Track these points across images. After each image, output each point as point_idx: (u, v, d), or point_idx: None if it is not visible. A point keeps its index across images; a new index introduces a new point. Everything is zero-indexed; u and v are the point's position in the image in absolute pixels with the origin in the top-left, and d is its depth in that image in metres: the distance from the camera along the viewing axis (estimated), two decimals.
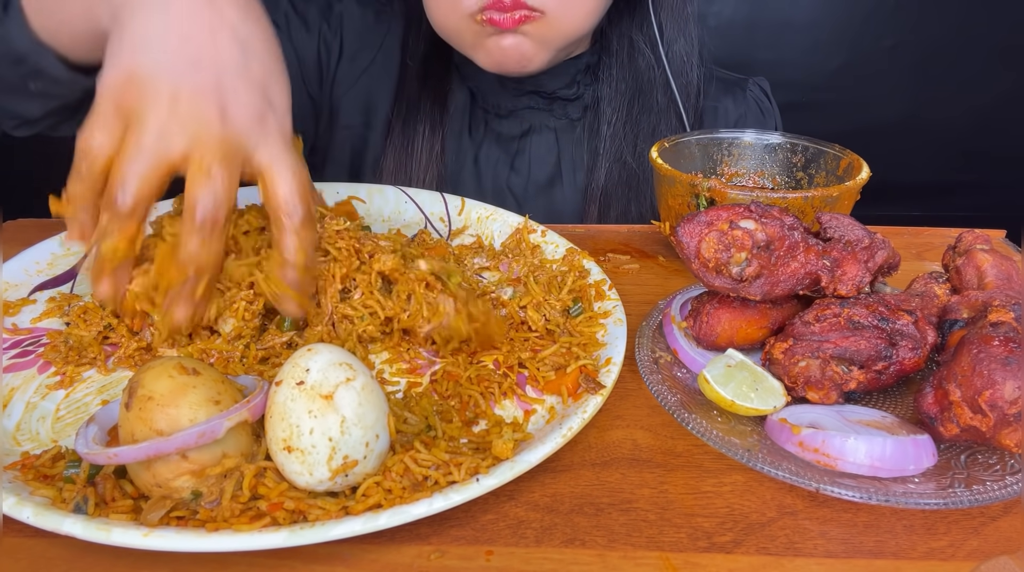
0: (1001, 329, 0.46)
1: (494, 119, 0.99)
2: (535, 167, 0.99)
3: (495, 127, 0.99)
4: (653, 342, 0.61)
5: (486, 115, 0.99)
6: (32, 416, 0.53)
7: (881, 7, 2.07)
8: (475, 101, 0.99)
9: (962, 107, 2.18)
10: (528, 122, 0.98)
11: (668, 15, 0.96)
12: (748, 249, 0.54)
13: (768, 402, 0.51)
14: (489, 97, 0.97)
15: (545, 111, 0.98)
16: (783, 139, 0.82)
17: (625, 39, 0.96)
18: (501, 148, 0.99)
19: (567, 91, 0.97)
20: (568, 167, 0.99)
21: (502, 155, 0.99)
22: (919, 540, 0.45)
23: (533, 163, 0.99)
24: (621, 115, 0.96)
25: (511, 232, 0.77)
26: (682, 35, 0.97)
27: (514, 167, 0.99)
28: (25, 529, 0.42)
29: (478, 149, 0.99)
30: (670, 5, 0.96)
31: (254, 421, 0.45)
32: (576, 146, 0.99)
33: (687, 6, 0.97)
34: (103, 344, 0.59)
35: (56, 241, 0.73)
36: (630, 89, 0.96)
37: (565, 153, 0.99)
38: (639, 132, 0.96)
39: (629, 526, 0.45)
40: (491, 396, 0.55)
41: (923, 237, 0.85)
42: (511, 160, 0.99)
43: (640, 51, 0.96)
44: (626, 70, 0.96)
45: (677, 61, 0.97)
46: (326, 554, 0.43)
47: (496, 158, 0.99)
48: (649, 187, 0.96)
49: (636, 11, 0.96)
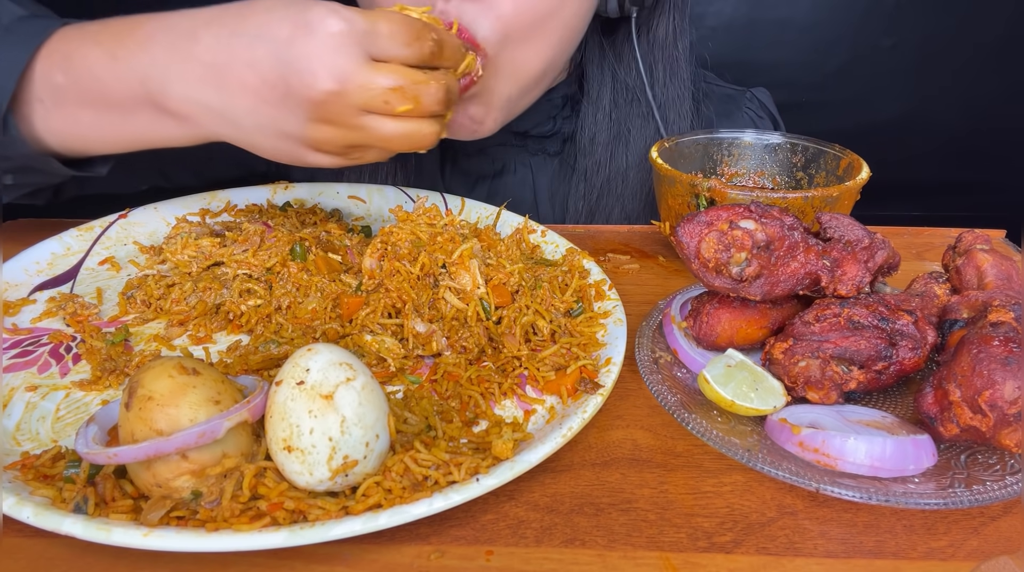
0: (1001, 329, 0.46)
1: (462, 157, 0.90)
2: (510, 207, 0.87)
3: (463, 165, 0.90)
4: (653, 342, 0.61)
5: (454, 152, 0.90)
6: (32, 416, 0.53)
7: (881, 7, 2.07)
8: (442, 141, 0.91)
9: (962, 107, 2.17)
10: (501, 160, 0.89)
11: (658, 55, 0.85)
12: (748, 249, 0.54)
13: (768, 402, 0.51)
14: None
15: (519, 147, 0.89)
16: (783, 139, 0.82)
17: (608, 77, 0.85)
18: (471, 188, 0.90)
19: (541, 129, 0.87)
20: (545, 206, 0.90)
21: (472, 196, 0.86)
22: (919, 540, 0.45)
23: (509, 206, 0.87)
24: (603, 152, 0.86)
25: (511, 232, 0.77)
26: (675, 79, 0.86)
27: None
28: (25, 529, 0.42)
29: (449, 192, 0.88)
30: (659, 43, 0.84)
31: (254, 421, 0.45)
32: (553, 181, 0.90)
33: (679, 42, 0.84)
34: None
35: (56, 241, 0.73)
36: (613, 125, 0.86)
37: (541, 190, 0.90)
38: (623, 168, 0.87)
39: (629, 526, 0.45)
40: (491, 396, 0.55)
41: (923, 237, 0.85)
42: (484, 201, 0.86)
43: (624, 88, 0.85)
44: (609, 107, 0.86)
45: (667, 106, 0.86)
46: (326, 554, 0.43)
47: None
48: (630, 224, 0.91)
49: (619, 46, 0.85)
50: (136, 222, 0.78)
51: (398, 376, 0.58)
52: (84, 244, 0.74)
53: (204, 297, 0.65)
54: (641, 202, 0.91)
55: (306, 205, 0.84)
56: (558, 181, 0.91)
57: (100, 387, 0.56)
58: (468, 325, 0.59)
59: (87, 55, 0.59)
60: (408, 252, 0.62)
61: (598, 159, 0.87)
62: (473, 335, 0.59)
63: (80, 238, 0.74)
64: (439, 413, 0.52)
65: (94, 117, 0.61)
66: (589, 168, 0.88)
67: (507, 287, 0.61)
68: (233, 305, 0.63)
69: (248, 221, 0.74)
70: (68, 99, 0.61)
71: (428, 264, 0.61)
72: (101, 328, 0.63)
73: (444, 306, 0.60)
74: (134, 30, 0.59)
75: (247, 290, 0.64)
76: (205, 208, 0.81)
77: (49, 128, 0.62)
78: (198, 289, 0.65)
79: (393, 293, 0.60)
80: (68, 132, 0.63)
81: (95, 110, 0.61)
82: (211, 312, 0.65)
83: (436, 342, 0.59)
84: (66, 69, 0.60)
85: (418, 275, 0.61)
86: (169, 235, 0.75)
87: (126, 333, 0.62)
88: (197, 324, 0.64)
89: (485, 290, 0.60)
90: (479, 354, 0.59)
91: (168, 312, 0.65)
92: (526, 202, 0.91)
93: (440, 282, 0.61)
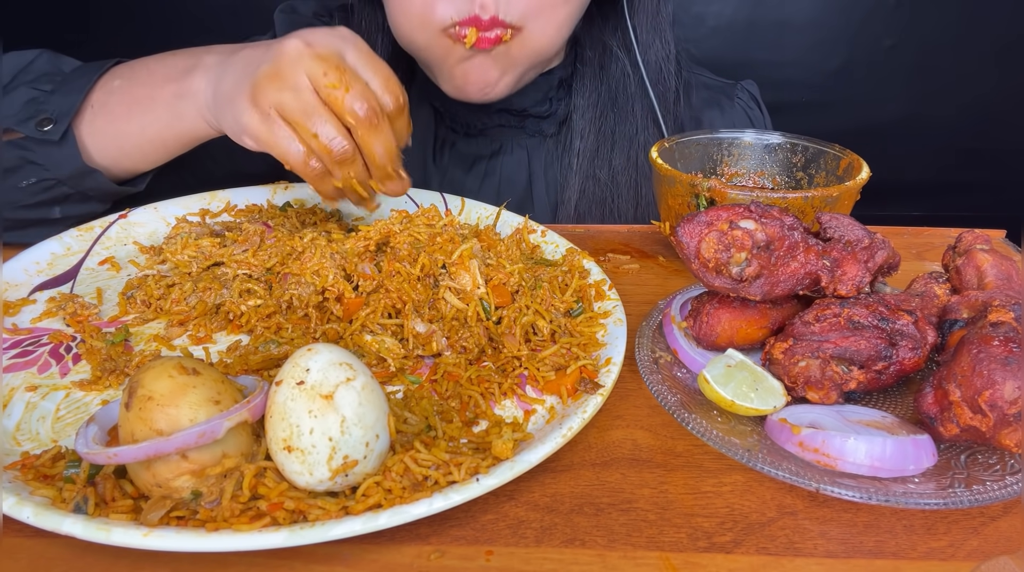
0: (1001, 329, 0.46)
1: (462, 139, 0.95)
2: (505, 188, 0.95)
3: (461, 148, 0.95)
4: (653, 342, 0.60)
5: (453, 135, 0.95)
6: (32, 416, 0.53)
7: (881, 7, 2.07)
8: (440, 119, 0.95)
9: (962, 107, 2.18)
10: (499, 141, 0.94)
11: (643, 19, 0.92)
12: (748, 249, 0.54)
13: (768, 402, 0.51)
14: (458, 115, 0.93)
15: (517, 128, 0.94)
16: (783, 139, 0.82)
17: (599, 45, 0.93)
18: (468, 169, 0.95)
19: (539, 108, 0.93)
20: (539, 186, 0.95)
21: (468, 178, 0.95)
22: (919, 540, 0.45)
23: (503, 184, 0.95)
24: (595, 127, 0.92)
25: (511, 232, 0.77)
26: (658, 39, 0.93)
27: (482, 189, 0.94)
28: (25, 529, 0.42)
29: (444, 173, 0.95)
30: (645, 9, 0.92)
31: (254, 421, 0.45)
32: (548, 164, 0.95)
33: (662, 9, 0.93)
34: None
35: (56, 241, 0.73)
36: (604, 100, 0.92)
37: (536, 172, 0.95)
38: (615, 144, 0.92)
39: (629, 526, 0.45)
40: (491, 396, 0.55)
41: (923, 237, 0.85)
42: (479, 182, 0.95)
43: (615, 57, 0.92)
44: (599, 80, 0.92)
45: (653, 67, 0.93)
46: (326, 554, 0.43)
47: (462, 181, 0.95)
48: (623, 203, 0.93)
49: (610, 16, 0.93)
50: (136, 222, 0.78)
51: (398, 376, 0.58)
52: (84, 244, 0.74)
53: (204, 297, 0.65)
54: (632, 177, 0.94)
55: (306, 205, 0.84)
56: (552, 163, 0.95)
57: (100, 387, 0.56)
58: (468, 325, 0.59)
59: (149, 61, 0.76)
60: (408, 253, 0.62)
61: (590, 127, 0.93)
62: (473, 335, 0.59)
63: (80, 238, 0.74)
64: (439, 413, 0.52)
65: (127, 108, 0.74)
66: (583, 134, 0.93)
67: (507, 287, 0.61)
68: (233, 305, 0.63)
69: (248, 221, 0.74)
70: (115, 98, 0.74)
71: (428, 265, 0.61)
72: (101, 328, 0.63)
73: (444, 306, 0.60)
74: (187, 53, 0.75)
75: (247, 290, 0.64)
76: (205, 208, 0.81)
77: (93, 129, 0.74)
78: (198, 289, 0.65)
79: (393, 293, 0.60)
80: (105, 129, 0.74)
81: (132, 101, 0.74)
82: (211, 312, 0.65)
83: (436, 342, 0.59)
84: (128, 75, 0.76)
85: (418, 276, 0.61)
86: (169, 235, 0.75)
87: (126, 333, 0.62)
88: (197, 324, 0.64)
89: (485, 290, 0.60)
90: (479, 354, 0.59)
91: (168, 312, 0.65)
92: (520, 183, 0.95)
93: (440, 282, 0.61)
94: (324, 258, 0.62)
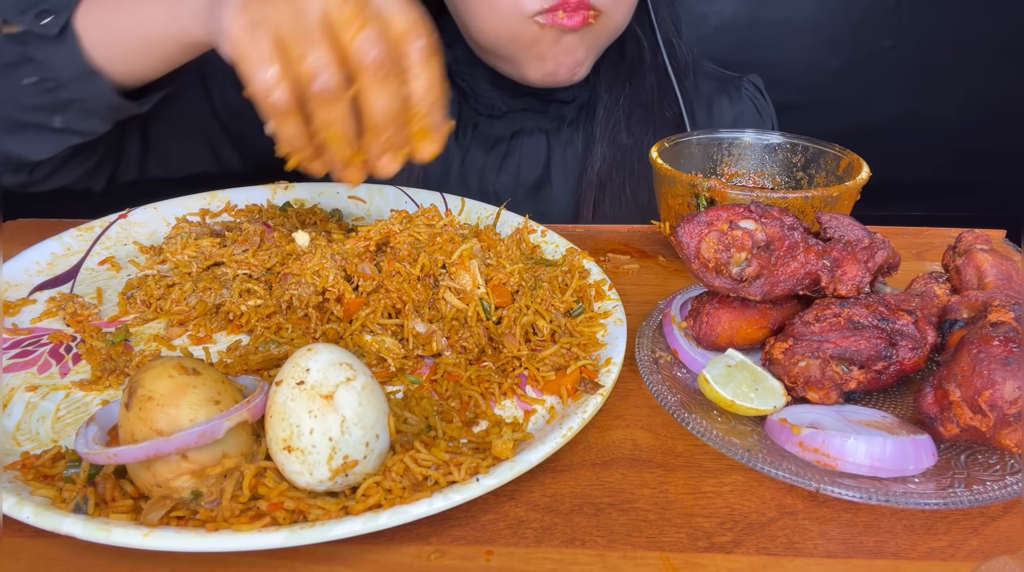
0: (1001, 329, 0.46)
1: (485, 120, 0.97)
2: (524, 170, 0.97)
3: (484, 129, 0.97)
4: (653, 342, 0.60)
5: (476, 116, 0.97)
6: (32, 416, 0.53)
7: (881, 7, 2.07)
8: (466, 101, 0.97)
9: (962, 107, 2.17)
10: (520, 123, 0.97)
11: None
12: (748, 249, 0.54)
13: (768, 402, 0.51)
14: (483, 97, 0.96)
15: (539, 113, 0.97)
16: (783, 139, 0.82)
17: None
18: (489, 150, 0.97)
19: (564, 93, 0.96)
20: (558, 169, 0.97)
21: (489, 158, 0.97)
22: (919, 540, 0.45)
23: (522, 165, 0.97)
24: (617, 92, 0.96)
25: (511, 232, 0.77)
26: (669, 15, 0.99)
27: (502, 169, 0.97)
28: (25, 529, 0.42)
29: (465, 152, 0.97)
30: None
31: (254, 421, 0.45)
32: (567, 147, 0.98)
33: None
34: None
35: (56, 241, 0.73)
36: (623, 72, 0.97)
37: (556, 155, 0.98)
38: (632, 113, 0.96)
39: (629, 526, 0.45)
40: (491, 396, 0.55)
41: (923, 237, 0.85)
42: (499, 162, 0.97)
43: (631, 30, 0.96)
44: (619, 55, 0.96)
45: (665, 40, 0.98)
46: (326, 554, 0.43)
47: (483, 161, 0.97)
48: (644, 166, 0.95)
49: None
50: (136, 222, 0.78)
51: (398, 376, 0.58)
52: (84, 244, 0.74)
53: (204, 297, 0.65)
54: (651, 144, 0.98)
55: (306, 205, 0.84)
56: (570, 147, 0.98)
57: (100, 387, 0.56)
58: (468, 325, 0.59)
59: None
60: (408, 253, 0.62)
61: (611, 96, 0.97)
62: (473, 335, 0.59)
63: (80, 238, 0.74)
64: (439, 413, 0.52)
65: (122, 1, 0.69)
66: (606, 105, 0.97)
67: (507, 287, 0.61)
68: (233, 305, 0.63)
69: (248, 221, 0.74)
70: None
71: (428, 265, 0.61)
72: (101, 328, 0.63)
73: (444, 306, 0.60)
74: None
75: (247, 290, 0.64)
76: (205, 208, 0.81)
77: (87, 22, 0.68)
78: (198, 289, 0.65)
79: (393, 293, 0.60)
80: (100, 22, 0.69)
81: None
82: (211, 312, 0.65)
83: (436, 342, 0.59)
84: None
85: (418, 276, 0.61)
86: (169, 235, 0.75)
87: (126, 333, 0.62)
88: (197, 324, 0.64)
89: (485, 290, 0.60)
90: (479, 354, 0.59)
91: (168, 312, 0.65)
92: (538, 165, 0.98)
93: (440, 282, 0.61)
94: (324, 258, 0.62)
